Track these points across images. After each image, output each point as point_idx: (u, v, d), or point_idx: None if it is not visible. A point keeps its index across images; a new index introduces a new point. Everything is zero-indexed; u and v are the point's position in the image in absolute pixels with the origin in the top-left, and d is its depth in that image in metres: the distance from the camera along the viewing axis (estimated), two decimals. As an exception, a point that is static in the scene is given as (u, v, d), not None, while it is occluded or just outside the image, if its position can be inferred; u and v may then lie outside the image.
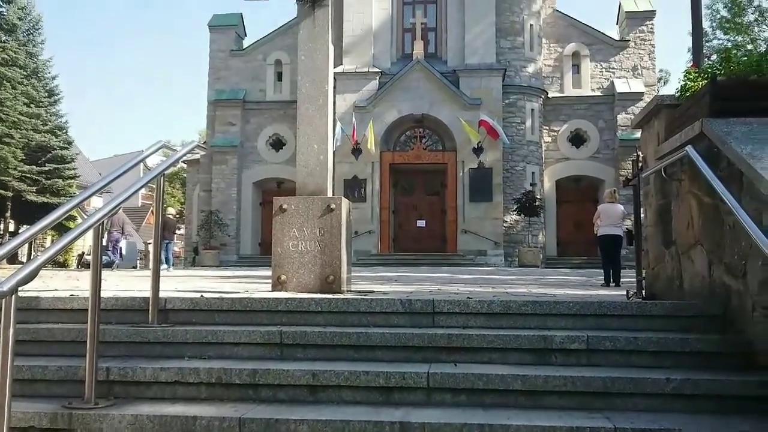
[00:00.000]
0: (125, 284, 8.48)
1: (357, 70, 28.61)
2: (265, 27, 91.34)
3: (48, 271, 14.24)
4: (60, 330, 4.85)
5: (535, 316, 4.91)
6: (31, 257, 30.14)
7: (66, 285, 7.90)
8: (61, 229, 26.66)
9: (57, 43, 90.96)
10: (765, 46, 34.69)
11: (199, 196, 32.28)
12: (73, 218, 26.82)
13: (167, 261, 19.01)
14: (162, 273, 5.04)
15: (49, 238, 35.40)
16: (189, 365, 4.31)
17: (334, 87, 13.26)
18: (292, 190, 7.76)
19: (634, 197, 6.67)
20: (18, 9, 34.18)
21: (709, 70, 5.31)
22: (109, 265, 17.86)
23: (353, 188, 27.40)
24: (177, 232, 26.20)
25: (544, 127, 30.04)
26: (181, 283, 8.97)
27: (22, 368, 4.25)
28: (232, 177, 31.04)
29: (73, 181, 36.06)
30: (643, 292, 6.33)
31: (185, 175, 40.69)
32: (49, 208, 30.55)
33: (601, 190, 25.59)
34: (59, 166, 34.52)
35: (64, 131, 36.28)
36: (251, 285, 8.69)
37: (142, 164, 5.57)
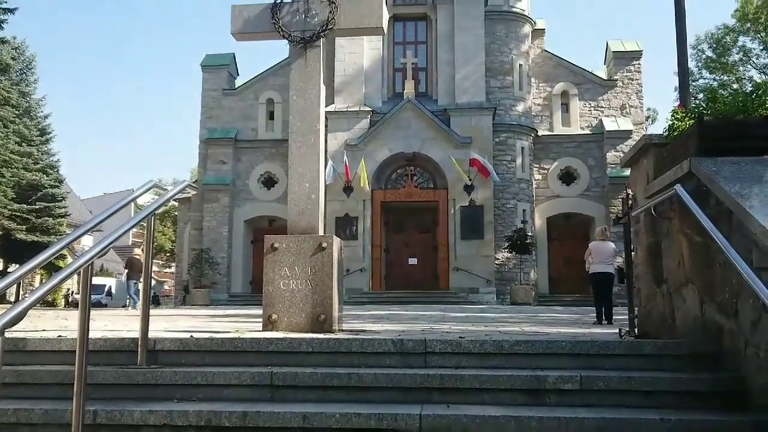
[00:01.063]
0: (114, 324, 8.40)
1: (348, 109, 28.84)
2: (258, 65, 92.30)
3: (36, 311, 14.10)
4: (47, 372, 4.78)
5: (528, 356, 4.88)
6: (20, 296, 29.88)
7: (54, 325, 7.81)
8: (50, 267, 26.48)
9: (49, 80, 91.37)
10: (750, 85, 35.23)
11: (190, 234, 32.19)
12: (62, 256, 26.67)
13: (134, 300, 19.39)
14: (132, 311, 4.99)
15: (38, 277, 35.15)
16: (178, 407, 4.25)
17: (326, 125, 13.38)
18: (283, 228, 7.76)
19: (624, 235, 6.69)
20: (11, 49, 34.44)
21: (696, 110, 5.38)
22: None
23: (345, 226, 27.40)
24: (168, 269, 26.21)
25: (535, 164, 30.26)
26: (171, 323, 8.89)
27: (7, 411, 4.18)
28: (223, 215, 31.01)
29: (63, 219, 35.99)
30: (636, 330, 6.32)
31: (176, 213, 40.66)
32: (38, 247, 30.41)
33: (591, 228, 25.70)
34: (50, 204, 34.48)
35: (56, 170, 36.34)
36: (242, 324, 8.62)
37: (132, 202, 5.55)
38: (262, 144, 31.57)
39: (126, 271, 21.11)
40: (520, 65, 30.18)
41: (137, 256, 20.92)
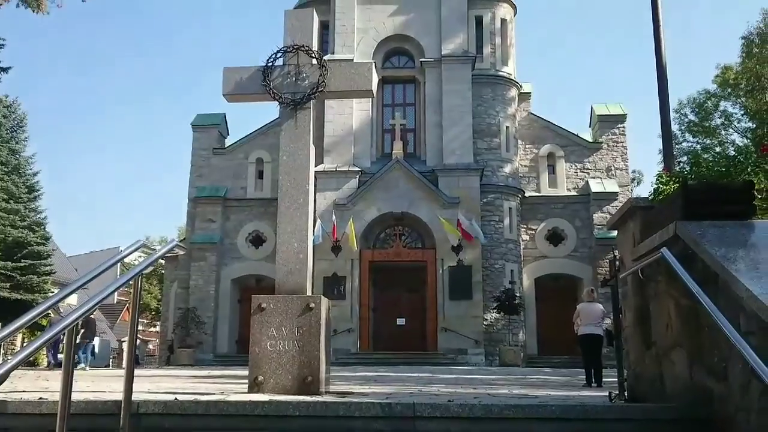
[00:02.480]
0: (98, 384, 8.24)
1: (338, 169, 29.07)
2: (248, 124, 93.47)
3: (16, 371, 13.81)
4: (26, 436, 4.66)
5: (518, 420, 4.81)
6: (0, 357, 29.26)
7: (35, 386, 7.66)
8: (34, 327, 26.04)
9: (40, 138, 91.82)
10: (732, 149, 35.86)
11: (177, 293, 31.90)
12: (47, 315, 26.27)
13: (85, 360, 19.12)
14: (84, 371, 4.90)
15: (20, 336, 34.55)
16: (160, 473, 4.14)
17: (315, 185, 13.43)
18: (271, 286, 7.72)
19: (612, 298, 6.70)
20: (3, 107, 34.64)
21: (681, 174, 5.48)
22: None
23: (333, 286, 27.27)
24: (153, 328, 25.93)
25: (522, 225, 30.45)
26: (155, 384, 8.73)
27: (-16, 477, 4.05)
28: (210, 274, 30.81)
29: (48, 277, 35.56)
30: (626, 393, 6.27)
31: (163, 271, 40.33)
32: (22, 305, 29.97)
33: (579, 288, 25.70)
34: (35, 262, 34.11)
35: (42, 227, 36.09)
36: (227, 386, 8.48)
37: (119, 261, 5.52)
38: (251, 203, 31.64)
39: (82, 330, 20.76)
40: (507, 127, 30.66)
41: (60, 316, 20.48)
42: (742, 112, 37.13)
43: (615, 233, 6.93)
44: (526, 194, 30.80)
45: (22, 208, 34.20)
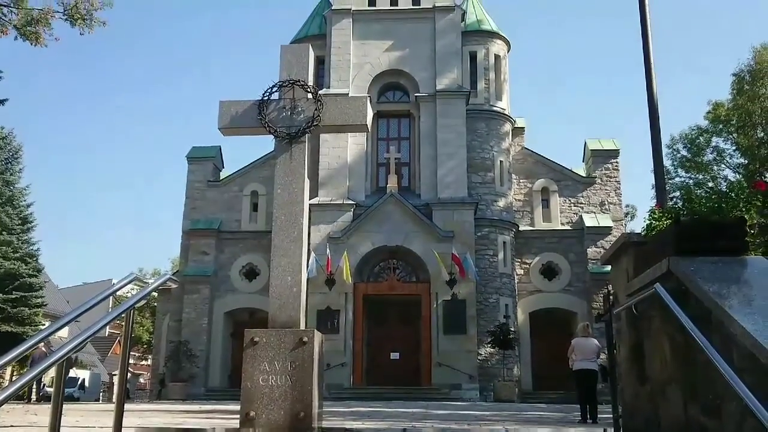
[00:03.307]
0: (87, 419, 8.13)
1: (332, 202, 29.11)
2: (243, 157, 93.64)
3: (5, 405, 13.61)
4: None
5: (512, 458, 4.76)
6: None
7: (23, 421, 7.55)
8: (24, 360, 25.76)
9: (34, 169, 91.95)
10: (725, 184, 36.06)
11: (169, 326, 31.65)
12: (37, 349, 25.99)
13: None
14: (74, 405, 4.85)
15: (9, 369, 34.16)
16: None
17: (309, 218, 13.45)
18: (264, 320, 7.67)
19: (606, 334, 6.69)
20: (-2, 139, 34.71)
21: (673, 210, 5.50)
22: None
23: (326, 319, 27.11)
24: (144, 362, 25.62)
25: (517, 259, 30.44)
26: (145, 419, 8.62)
27: None
28: (203, 307, 30.61)
29: (39, 309, 35.30)
30: (621, 430, 6.22)
31: (155, 304, 40.07)
32: (12, 338, 29.70)
33: (574, 323, 25.56)
34: (27, 294, 33.88)
35: (35, 259, 35.92)
36: (219, 421, 8.38)
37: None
38: (245, 235, 31.58)
39: (30, 362, 20.47)
40: (501, 162, 30.83)
41: (42, 350, 20.07)
42: (734, 148, 37.44)
43: (609, 268, 6.94)
44: (521, 228, 30.85)
45: (15, 240, 34.07)
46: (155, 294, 36.11)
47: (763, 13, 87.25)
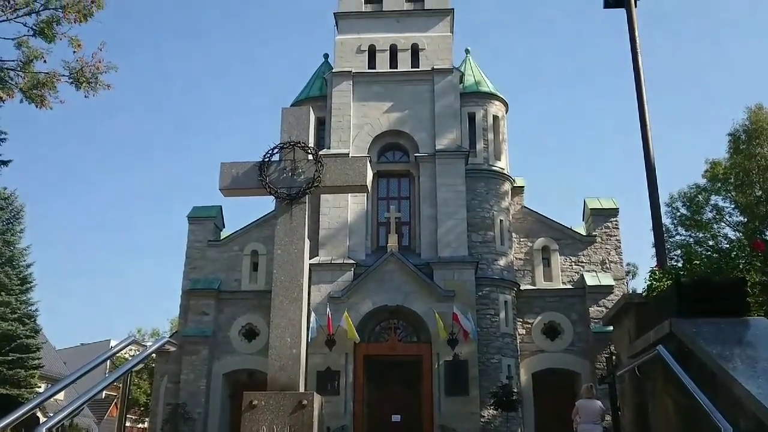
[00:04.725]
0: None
1: (332, 262, 29.05)
2: (244, 216, 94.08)
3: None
4: None
5: None
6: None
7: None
8: (20, 425, 25.30)
9: (34, 229, 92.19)
10: (725, 242, 36.07)
11: (167, 388, 31.17)
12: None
13: None
14: None
15: (3, 433, 33.54)
16: None
17: (310, 277, 13.43)
18: (263, 381, 7.58)
19: (610, 396, 6.61)
20: (0, 199, 34.89)
21: (673, 270, 5.49)
22: None
23: (326, 381, 26.73)
24: (141, 425, 25.12)
25: (518, 319, 30.21)
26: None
27: None
28: (202, 368, 30.21)
29: (36, 371, 34.89)
30: (627, 495, 6.07)
31: (153, 365, 39.60)
32: (8, 401, 29.25)
33: (578, 384, 25.28)
34: (23, 355, 33.53)
35: (33, 319, 35.69)
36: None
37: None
38: (245, 295, 31.41)
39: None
40: (501, 221, 30.91)
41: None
42: (733, 206, 37.57)
43: (611, 328, 6.88)
44: (522, 287, 30.70)
45: (14, 300, 33.91)
46: (153, 355, 35.73)
47: (755, 74, 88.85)
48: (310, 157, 8.14)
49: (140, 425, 60.54)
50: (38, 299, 39.02)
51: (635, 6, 8.78)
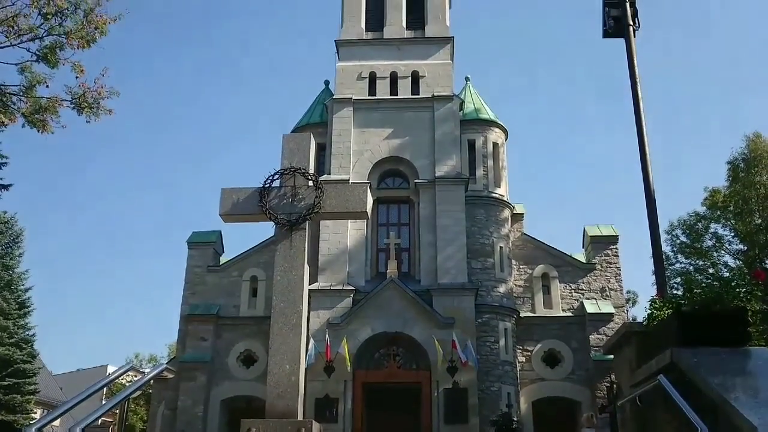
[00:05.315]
0: None
1: (332, 288, 28.96)
2: (244, 241, 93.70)
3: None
4: None
5: None
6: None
7: None
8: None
9: (32, 251, 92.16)
10: (725, 270, 36.01)
11: (164, 415, 30.88)
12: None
13: None
14: None
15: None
16: None
17: (309, 303, 13.43)
18: (261, 408, 7.52)
19: (611, 424, 6.55)
20: (0, 224, 34.91)
21: (674, 300, 5.48)
22: None
23: (325, 408, 26.49)
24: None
25: (518, 346, 30.04)
26: None
27: None
28: (199, 394, 29.97)
29: (32, 397, 34.63)
30: None
31: (150, 390, 39.30)
32: (3, 427, 28.98)
33: (578, 412, 25.07)
34: (20, 381, 33.31)
35: (30, 344, 35.51)
36: None
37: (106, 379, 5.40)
38: (244, 321, 31.27)
39: None
40: (501, 248, 30.88)
41: None
42: (733, 234, 37.57)
43: (612, 356, 6.85)
44: (521, 315, 30.58)
45: (11, 325, 33.78)
46: (151, 381, 35.47)
47: (754, 103, 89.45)
48: (311, 183, 8.18)
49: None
50: (36, 324, 38.82)
51: (634, 36, 8.85)
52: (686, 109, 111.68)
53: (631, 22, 8.83)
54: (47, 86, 17.55)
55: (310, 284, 9.57)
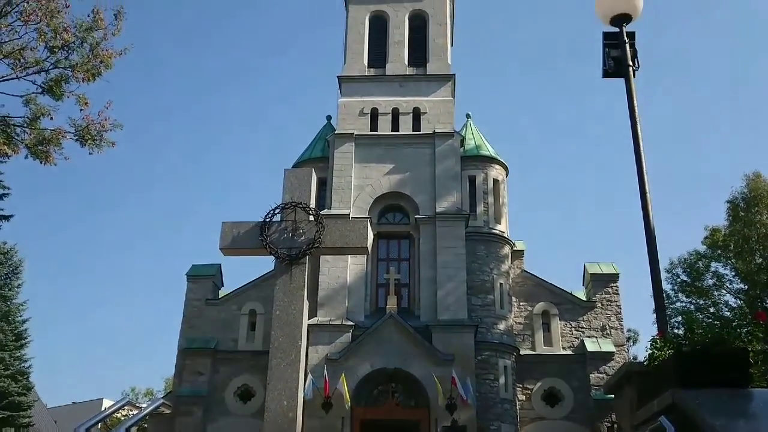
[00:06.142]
0: None
1: (331, 323, 28.80)
2: (244, 274, 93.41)
3: None
4: None
5: None
6: None
7: None
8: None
9: (31, 283, 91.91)
10: (726, 309, 35.86)
11: (159, 451, 30.48)
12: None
13: None
14: None
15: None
16: None
17: (307, 338, 13.30)
18: (257, 448, 7.46)
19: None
20: (0, 254, 34.87)
21: (675, 340, 5.45)
22: None
23: (322, 445, 26.14)
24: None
25: (518, 384, 29.77)
26: None
27: None
28: (195, 430, 29.50)
29: (26, 430, 34.22)
30: None
31: (146, 425, 38.83)
32: (-6, 461, 28.59)
33: (578, 453, 24.72)
34: (14, 413, 32.94)
35: (26, 376, 35.21)
36: None
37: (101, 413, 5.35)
38: (242, 355, 31.01)
39: None
40: (501, 284, 30.79)
41: None
42: (734, 274, 37.46)
43: (612, 396, 6.79)
44: (521, 352, 30.36)
45: (8, 357, 33.51)
46: (147, 416, 35.05)
47: (752, 143, 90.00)
48: (311, 218, 8.20)
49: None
50: (32, 356, 38.48)
51: (634, 77, 8.94)
52: (687, 144, 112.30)
53: (631, 63, 8.92)
54: (51, 118, 17.66)
55: (309, 319, 9.54)
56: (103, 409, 5.18)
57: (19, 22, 16.66)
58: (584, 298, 32.49)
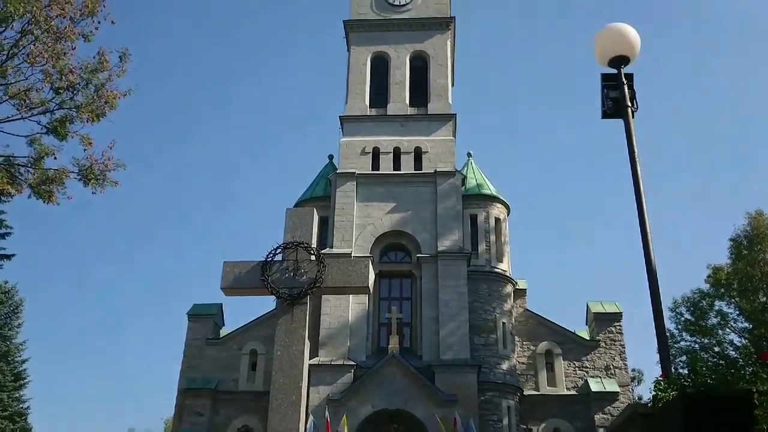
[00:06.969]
0: None
1: (332, 363, 28.57)
2: (245, 312, 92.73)
3: None
4: None
5: None
6: None
7: None
8: None
9: (30, 322, 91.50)
10: (731, 348, 35.54)
11: (157, 493, 30.06)
12: None
13: None
14: None
15: None
16: None
17: (309, 379, 13.19)
18: (257, 492, 7.35)
19: None
20: (0, 293, 34.76)
21: (679, 381, 5.41)
22: None
23: (323, 488, 25.72)
24: None
25: (522, 425, 29.39)
26: None
27: None
28: (195, 472, 29.17)
29: (23, 472, 33.74)
30: None
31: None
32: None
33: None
34: (11, 455, 32.52)
35: (24, 418, 34.81)
36: None
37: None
38: (243, 396, 30.72)
39: None
40: (504, 323, 30.61)
41: None
42: (738, 312, 37.19)
43: (617, 438, 6.70)
44: (525, 392, 30.04)
45: (6, 397, 33.18)
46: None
47: (755, 180, 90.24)
48: (313, 257, 8.20)
49: None
50: (31, 396, 38.09)
51: (633, 117, 9.02)
52: (688, 182, 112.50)
53: (630, 104, 9.01)
54: (55, 158, 17.74)
55: (310, 359, 9.46)
56: (101, 451, 5.10)
57: (25, 64, 16.84)
58: (587, 338, 32.27)
